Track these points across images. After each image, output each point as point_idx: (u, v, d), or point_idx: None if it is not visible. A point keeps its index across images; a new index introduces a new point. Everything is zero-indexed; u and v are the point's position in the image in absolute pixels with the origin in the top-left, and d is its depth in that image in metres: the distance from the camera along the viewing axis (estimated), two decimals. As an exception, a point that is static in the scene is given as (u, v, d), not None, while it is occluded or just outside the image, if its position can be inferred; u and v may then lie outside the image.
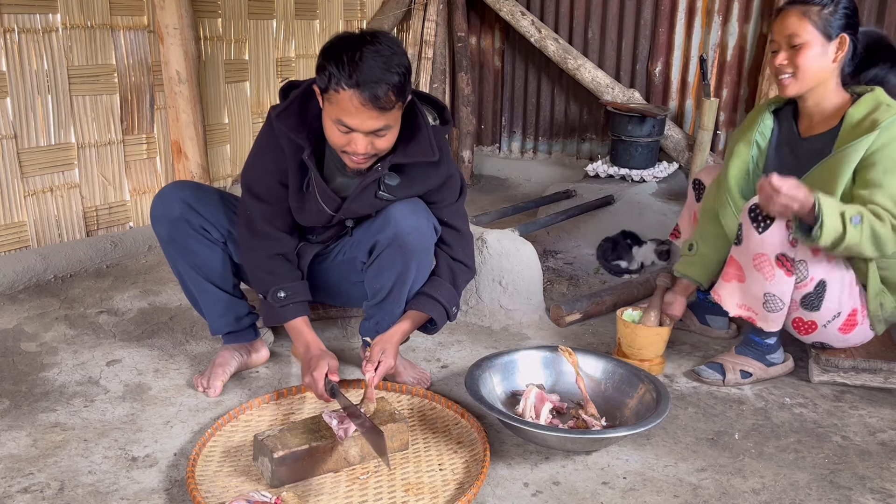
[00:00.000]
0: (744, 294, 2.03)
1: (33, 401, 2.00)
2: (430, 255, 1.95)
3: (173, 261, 2.01)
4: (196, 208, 1.96)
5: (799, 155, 2.11)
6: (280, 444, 1.62)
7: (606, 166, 3.83)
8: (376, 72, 1.63)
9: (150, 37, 3.12)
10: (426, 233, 1.90)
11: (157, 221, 1.97)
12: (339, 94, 1.65)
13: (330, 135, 1.76)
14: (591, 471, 1.74)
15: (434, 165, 1.89)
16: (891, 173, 1.88)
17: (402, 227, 1.85)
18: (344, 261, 2.05)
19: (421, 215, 1.89)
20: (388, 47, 1.67)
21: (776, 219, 1.89)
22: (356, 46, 1.65)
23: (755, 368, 2.11)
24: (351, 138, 1.71)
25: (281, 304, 1.91)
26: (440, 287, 1.96)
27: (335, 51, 1.66)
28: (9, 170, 2.76)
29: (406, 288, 1.94)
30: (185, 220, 1.94)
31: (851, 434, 1.91)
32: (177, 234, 1.95)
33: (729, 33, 3.80)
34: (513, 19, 4.16)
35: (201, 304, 2.07)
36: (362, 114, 1.66)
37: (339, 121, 1.69)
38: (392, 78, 1.65)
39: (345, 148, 1.74)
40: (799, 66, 1.98)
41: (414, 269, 1.91)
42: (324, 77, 1.67)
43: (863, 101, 1.98)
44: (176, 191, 1.97)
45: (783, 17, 2.00)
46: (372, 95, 1.63)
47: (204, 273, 2.00)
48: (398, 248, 1.86)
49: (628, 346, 2.23)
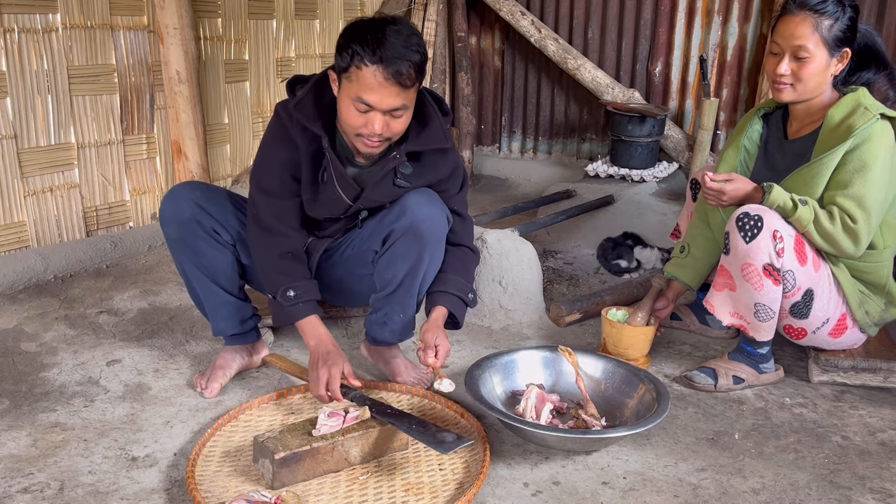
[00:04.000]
0: (735, 303, 2.03)
1: (33, 401, 2.00)
2: (442, 245, 1.97)
3: (180, 262, 2.00)
4: (207, 209, 1.95)
5: (785, 157, 2.12)
6: (281, 445, 1.62)
7: (606, 166, 3.83)
8: (399, 49, 1.69)
9: (150, 37, 3.12)
10: (440, 222, 1.92)
11: (166, 222, 1.95)
12: (362, 70, 1.69)
13: (347, 116, 1.77)
14: (591, 471, 1.74)
15: (444, 154, 1.95)
16: (858, 173, 1.90)
17: (418, 215, 1.87)
18: (353, 255, 2.05)
19: (436, 205, 1.91)
20: (407, 28, 1.74)
21: (763, 229, 1.90)
22: (379, 26, 1.71)
23: (747, 374, 2.12)
24: (368, 118, 1.74)
25: (291, 303, 1.90)
26: (448, 281, 1.98)
27: (358, 30, 1.72)
28: (9, 170, 2.76)
29: (418, 279, 1.94)
30: (196, 222, 1.93)
31: (851, 434, 1.91)
32: (186, 235, 1.94)
33: (729, 33, 3.81)
34: (513, 19, 4.16)
35: (206, 305, 2.06)
36: (384, 89, 1.70)
37: (359, 98, 1.72)
38: (413, 56, 1.71)
39: (360, 129, 1.77)
40: (802, 78, 1.96)
41: (427, 258, 1.92)
42: (346, 56, 1.71)
43: (843, 103, 1.98)
44: (187, 191, 1.96)
45: (791, 23, 1.94)
46: (395, 71, 1.69)
47: (211, 275, 1.99)
48: (413, 236, 1.88)
49: (614, 345, 2.24)
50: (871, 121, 1.91)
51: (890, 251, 2.06)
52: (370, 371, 2.21)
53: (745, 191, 1.99)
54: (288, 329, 2.42)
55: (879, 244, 2.02)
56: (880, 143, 1.91)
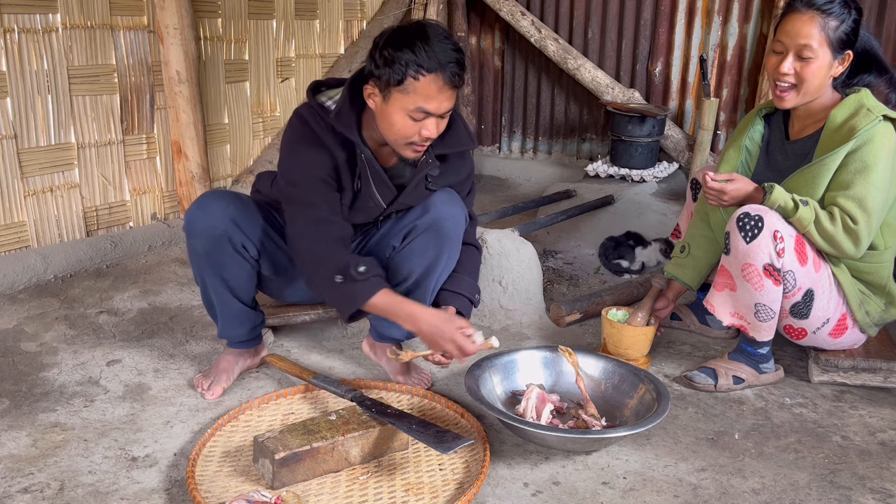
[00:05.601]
0: (736, 303, 2.03)
1: (33, 401, 2.00)
2: (459, 243, 1.97)
3: (200, 272, 1.95)
4: (240, 225, 1.90)
5: (787, 157, 2.12)
6: (281, 445, 1.62)
7: (606, 166, 3.83)
8: (448, 52, 1.70)
9: (150, 37, 3.12)
10: (461, 221, 1.93)
11: (195, 234, 1.89)
12: (419, 80, 1.69)
13: (400, 127, 1.75)
14: (591, 471, 1.74)
15: (463, 156, 1.98)
16: (860, 174, 1.90)
17: (442, 213, 1.89)
18: (368, 252, 2.05)
19: (457, 204, 1.93)
20: (443, 29, 1.75)
21: (763, 229, 1.90)
22: (421, 34, 1.70)
23: (747, 374, 2.12)
24: (423, 125, 1.75)
25: (364, 277, 1.79)
26: (461, 283, 1.98)
27: (402, 40, 1.70)
28: (9, 170, 2.76)
29: (434, 277, 1.94)
30: (228, 239, 1.89)
31: (851, 434, 1.91)
32: (214, 250, 1.90)
33: (729, 33, 3.80)
34: (513, 19, 4.16)
35: (220, 313, 2.03)
36: (443, 94, 1.72)
37: (419, 108, 1.71)
38: (459, 56, 1.73)
39: (412, 137, 1.77)
40: (805, 78, 1.95)
41: (446, 256, 1.92)
42: (398, 69, 1.68)
43: (846, 103, 1.98)
44: (222, 206, 1.89)
45: (798, 21, 1.92)
46: (452, 75, 1.70)
47: (230, 287, 1.97)
48: (434, 232, 1.88)
49: (614, 345, 2.24)
50: (873, 122, 1.91)
51: (890, 252, 2.07)
52: (371, 370, 2.21)
53: (746, 191, 1.99)
54: (288, 329, 2.42)
55: (880, 245, 2.03)
56: (882, 145, 1.90)
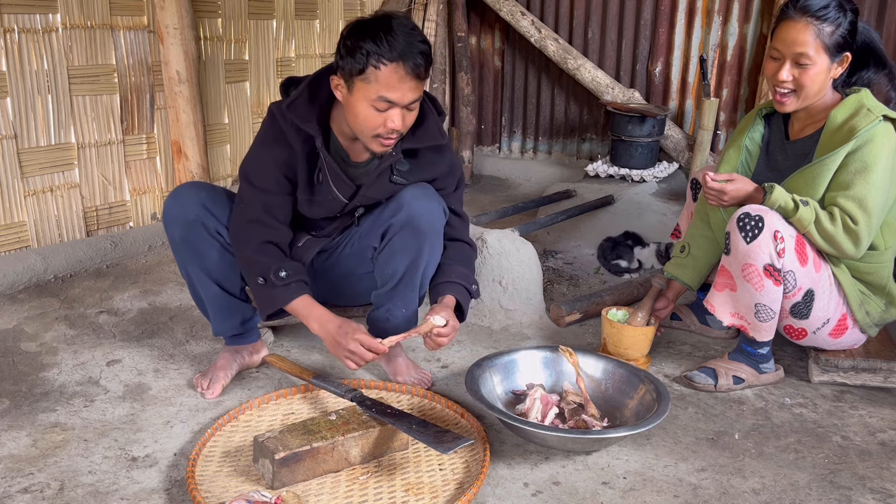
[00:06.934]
0: (736, 303, 2.04)
1: (33, 401, 2.00)
2: (441, 237, 1.97)
3: (183, 262, 1.98)
4: (212, 211, 1.94)
5: (787, 157, 2.12)
6: (281, 445, 1.62)
7: (606, 166, 3.83)
8: (411, 42, 1.71)
9: (150, 37, 3.12)
10: (438, 216, 1.92)
11: (170, 223, 1.93)
12: (381, 69, 1.70)
13: (364, 119, 1.77)
14: (591, 471, 1.74)
15: (440, 152, 1.96)
16: (860, 174, 1.91)
17: (415, 209, 1.88)
18: (352, 252, 2.05)
19: (432, 198, 1.92)
20: (408, 20, 1.77)
21: (764, 229, 1.90)
22: (384, 24, 1.72)
23: (747, 374, 2.12)
24: (387, 116, 1.76)
25: (283, 282, 1.84)
26: (452, 272, 1.98)
27: (365, 30, 1.72)
28: (9, 170, 2.76)
29: (419, 272, 1.94)
30: (201, 224, 1.92)
31: (851, 434, 1.91)
32: (191, 236, 1.92)
33: (729, 33, 3.80)
34: (513, 19, 4.16)
35: (208, 306, 2.04)
36: (405, 85, 1.72)
37: (381, 97, 1.73)
38: (424, 47, 1.74)
39: (378, 129, 1.77)
40: (804, 84, 1.95)
41: (427, 251, 1.92)
42: (359, 58, 1.71)
43: (846, 104, 1.98)
44: (192, 192, 1.94)
45: (792, 29, 1.92)
46: (414, 65, 1.71)
47: (214, 277, 1.98)
48: (411, 230, 1.88)
49: (614, 345, 2.24)
50: (873, 122, 1.91)
51: (891, 252, 2.07)
52: (370, 370, 2.21)
53: (746, 191, 1.99)
54: (288, 329, 2.42)
55: (880, 245, 2.03)
56: (882, 145, 1.91)
